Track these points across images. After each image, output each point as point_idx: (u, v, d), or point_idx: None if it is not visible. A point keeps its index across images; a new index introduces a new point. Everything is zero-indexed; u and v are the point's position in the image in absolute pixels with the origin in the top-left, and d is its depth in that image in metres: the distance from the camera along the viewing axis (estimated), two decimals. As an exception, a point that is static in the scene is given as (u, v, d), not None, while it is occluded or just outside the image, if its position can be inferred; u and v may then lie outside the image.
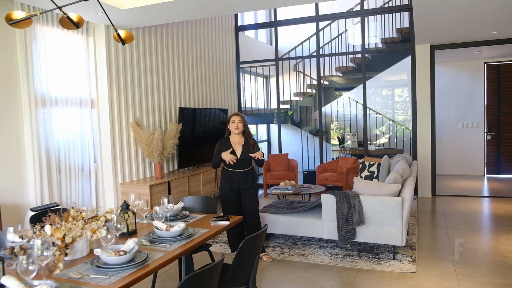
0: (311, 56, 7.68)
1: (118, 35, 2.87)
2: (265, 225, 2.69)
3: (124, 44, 2.94)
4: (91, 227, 2.14)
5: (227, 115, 6.79)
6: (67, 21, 2.52)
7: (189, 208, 3.34)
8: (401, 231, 3.75)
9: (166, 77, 5.78)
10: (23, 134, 3.88)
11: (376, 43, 8.27)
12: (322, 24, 7.74)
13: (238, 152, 3.80)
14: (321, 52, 7.64)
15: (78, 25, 2.56)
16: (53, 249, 1.80)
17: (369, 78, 8.07)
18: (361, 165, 5.78)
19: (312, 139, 8.73)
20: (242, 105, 8.05)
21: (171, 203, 2.78)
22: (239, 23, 7.92)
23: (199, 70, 6.58)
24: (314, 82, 8.58)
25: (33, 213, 3.14)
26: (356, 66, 8.37)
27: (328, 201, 4.00)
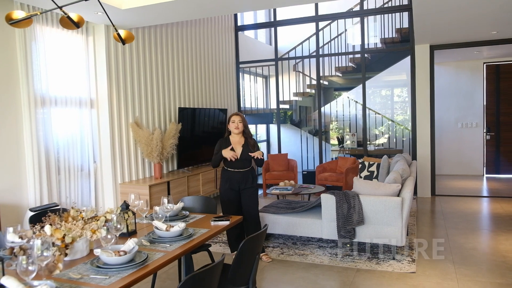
0: (310, 56, 7.69)
1: (119, 34, 2.87)
2: (265, 225, 2.69)
3: (124, 44, 2.94)
4: (91, 227, 2.13)
5: (227, 115, 6.78)
6: (67, 21, 2.52)
7: (189, 208, 3.33)
8: (400, 231, 3.75)
9: (165, 77, 5.78)
10: (22, 134, 3.87)
11: (375, 43, 8.27)
12: (321, 24, 7.74)
13: (238, 152, 3.79)
14: (320, 52, 7.64)
15: (78, 25, 2.56)
16: (53, 249, 1.80)
17: (369, 78, 8.07)
18: (361, 165, 5.78)
19: (312, 139, 8.72)
20: (242, 105, 8.04)
21: (171, 203, 2.78)
22: (239, 23, 7.92)
23: (198, 70, 6.58)
24: (314, 82, 8.57)
25: (32, 213, 3.14)
26: (356, 66, 8.37)
27: (328, 201, 4.00)
